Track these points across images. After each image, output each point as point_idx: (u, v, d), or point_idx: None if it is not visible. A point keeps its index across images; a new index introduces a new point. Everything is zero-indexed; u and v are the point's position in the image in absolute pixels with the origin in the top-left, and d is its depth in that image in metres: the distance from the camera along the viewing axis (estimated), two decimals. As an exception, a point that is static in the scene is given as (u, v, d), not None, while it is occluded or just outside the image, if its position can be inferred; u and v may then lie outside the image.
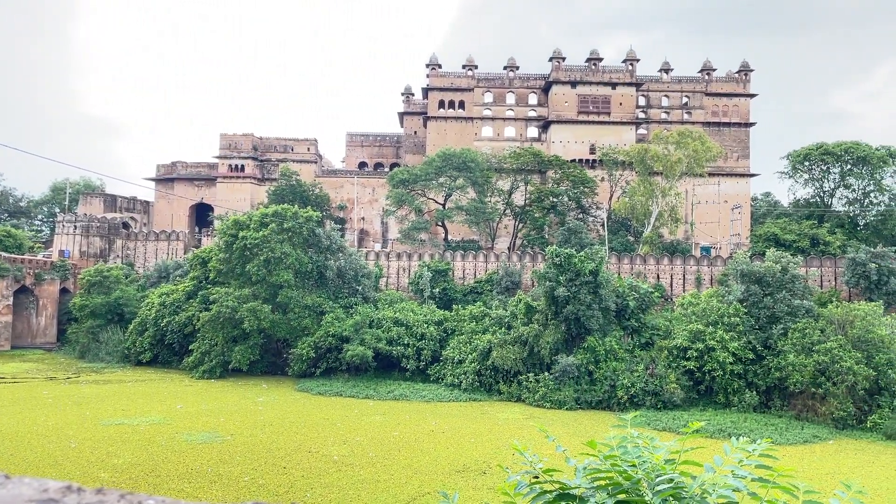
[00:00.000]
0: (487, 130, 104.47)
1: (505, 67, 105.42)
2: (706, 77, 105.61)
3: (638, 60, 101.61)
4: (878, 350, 46.48)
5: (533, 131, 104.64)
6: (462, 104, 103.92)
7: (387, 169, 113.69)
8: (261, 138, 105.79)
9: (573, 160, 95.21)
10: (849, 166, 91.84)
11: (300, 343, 59.61)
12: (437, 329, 60.13)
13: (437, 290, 69.93)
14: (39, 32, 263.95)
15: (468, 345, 57.45)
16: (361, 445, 36.16)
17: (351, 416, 44.54)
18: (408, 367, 58.15)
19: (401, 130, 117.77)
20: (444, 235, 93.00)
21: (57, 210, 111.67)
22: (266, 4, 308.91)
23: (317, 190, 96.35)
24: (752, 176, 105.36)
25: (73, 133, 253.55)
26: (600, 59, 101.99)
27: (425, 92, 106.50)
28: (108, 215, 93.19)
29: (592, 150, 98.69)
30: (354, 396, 52.70)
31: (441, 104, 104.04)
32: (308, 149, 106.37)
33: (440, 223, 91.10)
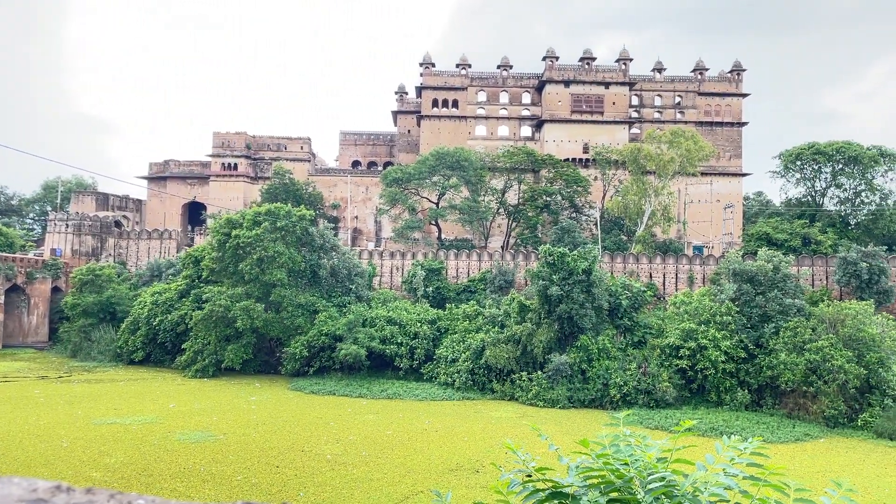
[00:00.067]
0: (481, 129, 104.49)
1: (499, 66, 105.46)
2: (699, 77, 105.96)
3: (631, 60, 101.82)
4: (868, 349, 46.72)
5: (526, 130, 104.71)
6: (456, 103, 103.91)
7: (380, 168, 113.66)
8: (254, 137, 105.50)
9: (566, 159, 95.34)
10: (840, 166, 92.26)
11: (293, 342, 59.51)
12: (430, 328, 60.12)
13: (431, 288, 69.93)
14: (31, 30, 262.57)
15: (461, 343, 57.48)
16: (354, 444, 36.14)
17: (344, 415, 44.51)
18: (401, 365, 58.14)
19: (394, 129, 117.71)
20: (437, 234, 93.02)
21: (49, 208, 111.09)
22: (266, 4, 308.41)
23: (310, 189, 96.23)
24: (744, 175, 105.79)
25: (66, 131, 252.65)
26: (594, 59, 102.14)
27: (419, 91, 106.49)
28: (101, 214, 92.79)
29: (586, 150, 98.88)
30: (348, 395, 52.65)
31: (435, 103, 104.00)
32: (301, 147, 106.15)
33: (434, 222, 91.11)
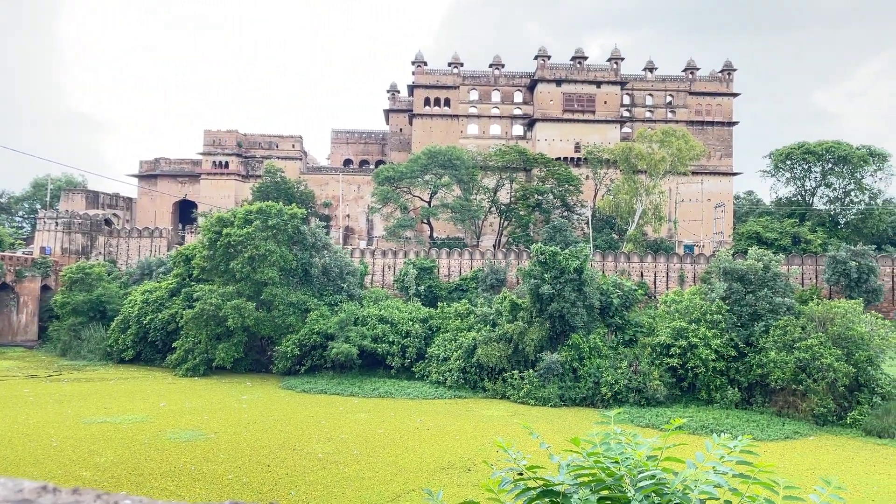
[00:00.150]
0: (473, 128, 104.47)
1: (491, 65, 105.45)
2: (690, 76, 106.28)
3: (622, 59, 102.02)
4: (857, 347, 47.01)
5: (518, 129, 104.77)
6: (448, 102, 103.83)
7: (372, 166, 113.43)
8: (245, 135, 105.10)
9: (558, 158, 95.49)
10: (830, 165, 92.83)
11: (284, 340, 59.39)
12: (422, 326, 60.12)
13: (423, 287, 69.92)
14: (22, 26, 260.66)
15: (453, 342, 57.49)
16: (346, 443, 36.11)
17: (335, 414, 44.45)
18: (393, 364, 58.11)
19: (386, 128, 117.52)
20: (429, 233, 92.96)
21: (38, 206, 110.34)
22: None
23: (302, 187, 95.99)
24: (734, 174, 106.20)
25: (56, 129, 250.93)
26: (585, 58, 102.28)
27: (411, 89, 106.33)
28: (91, 212, 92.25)
29: (577, 149, 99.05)
30: (339, 394, 52.58)
31: (427, 102, 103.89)
32: (293, 146, 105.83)
33: (426, 221, 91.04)
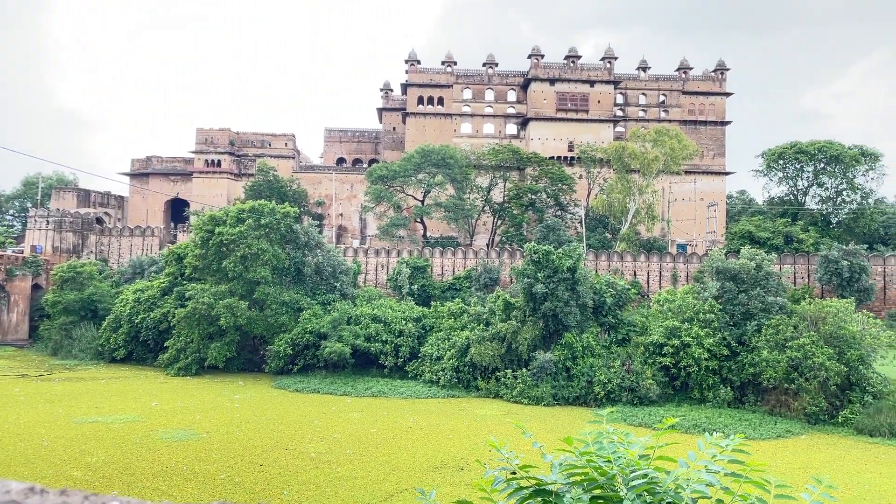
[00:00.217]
0: (466, 127, 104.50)
1: (484, 64, 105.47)
2: (683, 76, 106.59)
3: (616, 58, 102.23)
4: (849, 346, 47.18)
5: (512, 128, 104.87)
6: (441, 100, 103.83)
7: (365, 165, 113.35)
8: (237, 133, 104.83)
9: (552, 157, 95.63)
10: (822, 165, 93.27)
11: (277, 340, 59.24)
12: (415, 326, 60.07)
13: (416, 286, 69.88)
14: (8, 25, 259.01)
15: (446, 341, 57.48)
16: (339, 442, 36.05)
17: (328, 413, 44.37)
18: (386, 363, 58.05)
19: (379, 126, 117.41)
20: (422, 232, 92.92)
21: (29, 205, 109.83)
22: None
23: (294, 186, 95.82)
24: (727, 174, 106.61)
25: (47, 127, 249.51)
26: (579, 57, 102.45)
27: (404, 88, 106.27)
28: (82, 210, 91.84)
29: (571, 148, 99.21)
30: (332, 393, 52.49)
31: (420, 100, 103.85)
32: (286, 144, 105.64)
33: (419, 220, 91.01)
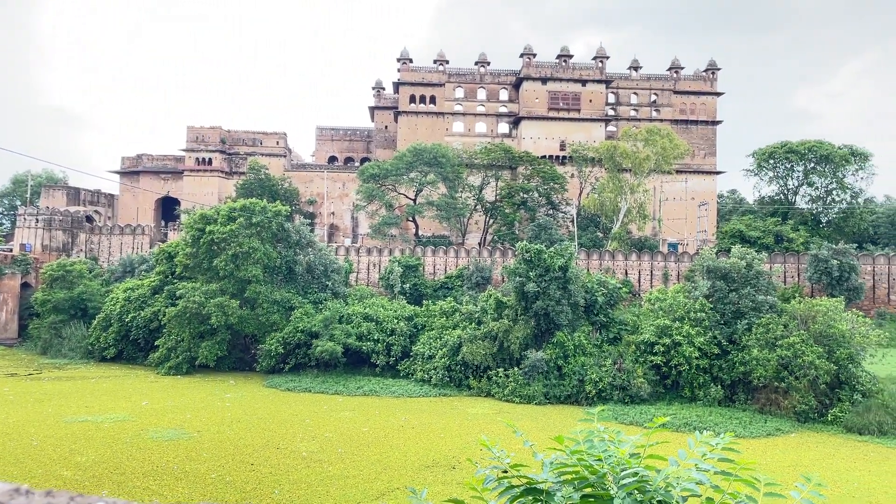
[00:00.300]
0: (458, 126, 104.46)
1: (476, 63, 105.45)
2: (674, 75, 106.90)
3: (608, 58, 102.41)
4: (838, 345, 47.44)
5: (504, 127, 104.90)
6: (433, 99, 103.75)
7: (357, 163, 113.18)
8: (229, 131, 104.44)
9: (543, 156, 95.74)
10: (812, 164, 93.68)
11: (268, 339, 59.08)
12: (407, 324, 60.02)
13: (408, 285, 69.83)
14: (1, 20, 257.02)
15: (438, 340, 57.46)
16: (330, 441, 36.00)
17: (320, 412, 44.31)
18: (378, 362, 57.98)
19: (371, 125, 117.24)
20: (414, 231, 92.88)
21: (18, 203, 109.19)
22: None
23: (286, 184, 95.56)
24: (718, 173, 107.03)
25: (35, 125, 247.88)
26: (570, 56, 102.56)
27: (396, 86, 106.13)
28: (72, 208, 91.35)
29: (562, 147, 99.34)
30: (324, 392, 52.41)
31: (412, 99, 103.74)
32: (277, 142, 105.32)
33: (411, 218, 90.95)
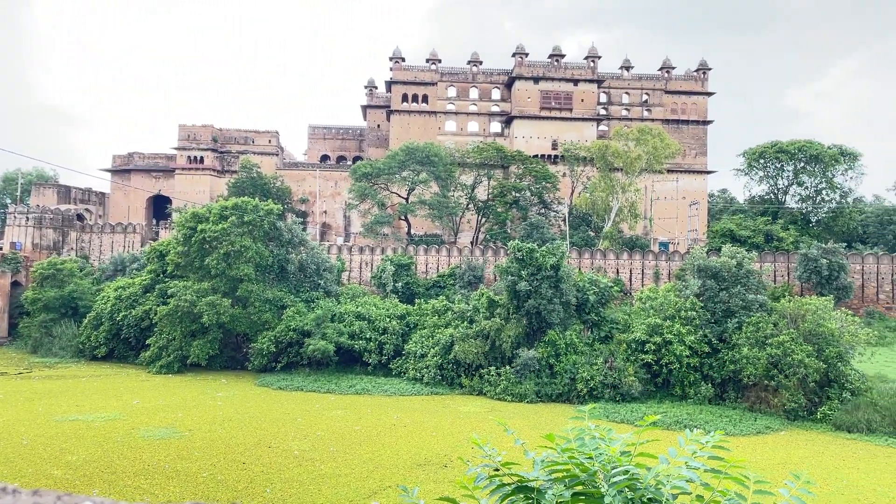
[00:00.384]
0: (451, 125, 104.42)
1: (468, 62, 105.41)
2: (666, 75, 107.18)
3: (599, 57, 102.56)
4: (828, 343, 47.74)
5: (496, 126, 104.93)
6: (426, 98, 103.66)
7: (349, 162, 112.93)
8: (221, 130, 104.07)
9: (535, 155, 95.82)
10: (802, 164, 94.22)
11: (260, 337, 58.94)
12: (399, 323, 60.01)
13: (400, 284, 69.79)
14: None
15: (430, 339, 57.47)
16: (322, 440, 35.97)
17: (312, 411, 44.24)
18: (370, 361, 57.93)
19: (364, 124, 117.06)
20: (407, 229, 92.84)
21: (8, 201, 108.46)
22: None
23: (278, 183, 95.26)
24: (709, 173, 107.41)
25: (25, 123, 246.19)
26: (563, 56, 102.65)
27: (389, 85, 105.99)
28: (62, 207, 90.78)
29: (554, 146, 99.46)
30: (316, 391, 52.33)
31: (405, 98, 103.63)
32: (269, 141, 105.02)
33: (403, 217, 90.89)
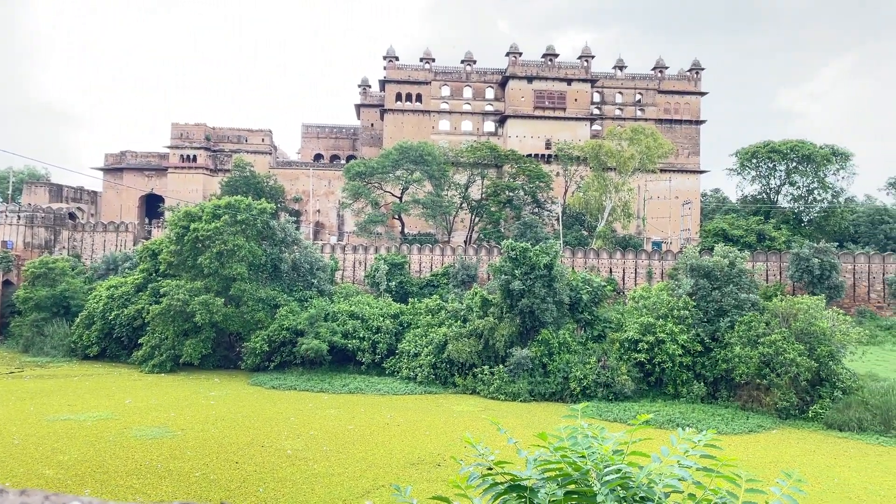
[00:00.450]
0: (444, 124, 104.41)
1: (462, 61, 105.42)
2: (659, 75, 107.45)
3: (593, 57, 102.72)
4: (819, 342, 47.94)
5: (490, 125, 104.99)
6: (419, 97, 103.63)
7: (343, 161, 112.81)
8: (214, 128, 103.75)
9: (529, 155, 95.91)
10: (794, 164, 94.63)
11: (253, 337, 58.80)
12: (392, 322, 59.96)
13: (394, 283, 69.76)
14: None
15: (424, 338, 57.46)
16: (316, 439, 35.93)
17: (305, 410, 44.19)
18: (363, 360, 57.88)
19: (357, 123, 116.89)
20: (400, 228, 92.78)
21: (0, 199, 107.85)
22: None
23: (271, 182, 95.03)
24: (702, 172, 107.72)
25: (22, 121, 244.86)
26: (556, 55, 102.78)
27: (382, 84, 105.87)
28: (54, 205, 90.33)
29: (548, 145, 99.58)
30: (309, 390, 52.25)
31: (398, 97, 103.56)
32: (262, 140, 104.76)
33: (397, 216, 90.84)
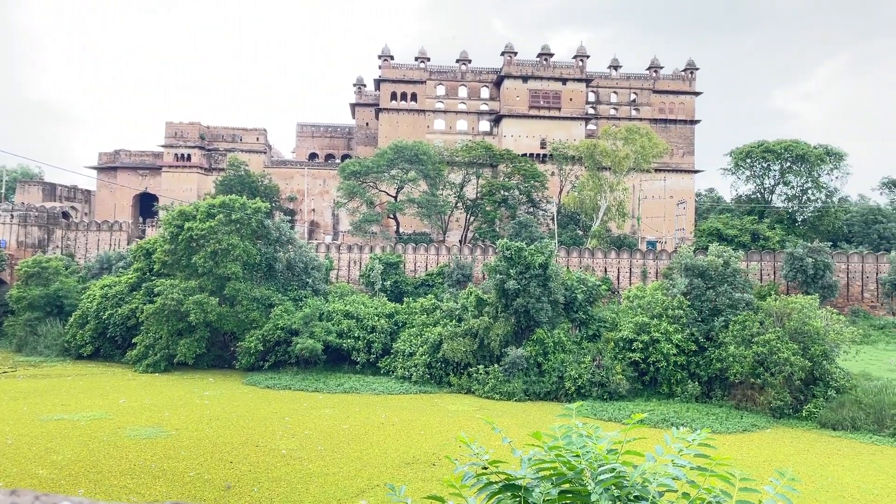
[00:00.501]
0: (440, 123, 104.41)
1: (457, 61, 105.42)
2: (653, 74, 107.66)
3: (588, 57, 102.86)
4: (813, 342, 48.12)
5: (485, 125, 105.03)
6: (414, 96, 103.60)
7: (338, 160, 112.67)
8: (208, 127, 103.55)
9: (524, 154, 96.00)
10: (788, 164, 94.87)
11: (248, 336, 58.70)
12: (387, 322, 59.93)
13: (389, 282, 69.73)
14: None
15: (419, 337, 57.44)
16: (310, 439, 35.89)
17: (300, 410, 44.13)
18: (358, 359, 57.84)
19: (352, 122, 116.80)
20: (395, 228, 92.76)
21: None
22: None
23: (266, 181, 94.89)
24: (696, 172, 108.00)
25: (13, 119, 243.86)
26: (551, 55, 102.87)
27: (377, 83, 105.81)
28: (47, 204, 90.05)
29: (543, 145, 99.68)
30: (304, 390, 52.18)
31: (393, 96, 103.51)
32: (257, 139, 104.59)
33: (392, 215, 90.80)
